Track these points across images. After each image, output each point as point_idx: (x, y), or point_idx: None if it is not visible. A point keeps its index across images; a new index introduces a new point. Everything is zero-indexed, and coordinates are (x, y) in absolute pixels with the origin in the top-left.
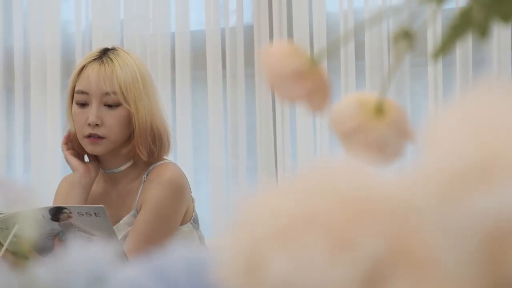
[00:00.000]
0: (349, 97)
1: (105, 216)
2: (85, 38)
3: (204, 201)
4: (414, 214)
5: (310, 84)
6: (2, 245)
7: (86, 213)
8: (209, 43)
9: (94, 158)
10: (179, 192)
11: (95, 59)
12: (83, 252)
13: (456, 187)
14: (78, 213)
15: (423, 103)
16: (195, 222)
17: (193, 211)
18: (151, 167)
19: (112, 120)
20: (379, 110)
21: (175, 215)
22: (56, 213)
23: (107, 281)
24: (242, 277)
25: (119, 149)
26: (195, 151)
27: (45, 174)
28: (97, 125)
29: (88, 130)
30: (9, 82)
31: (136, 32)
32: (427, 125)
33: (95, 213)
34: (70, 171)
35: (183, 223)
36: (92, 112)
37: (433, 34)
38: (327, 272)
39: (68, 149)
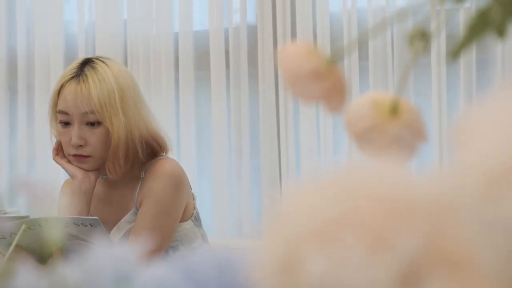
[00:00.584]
0: (364, 97)
1: (101, 227)
2: (88, 38)
3: (207, 201)
4: (451, 213)
5: (328, 84)
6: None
7: (81, 223)
8: (212, 43)
9: None
10: (178, 184)
11: (72, 77)
12: (109, 252)
13: (496, 186)
14: (74, 223)
15: (426, 103)
16: (197, 219)
17: (194, 208)
18: (148, 164)
19: (95, 139)
20: (394, 110)
21: (176, 207)
22: None
23: (133, 280)
24: (278, 277)
25: (105, 163)
26: (199, 151)
27: (49, 174)
28: (80, 145)
29: (73, 151)
30: (12, 82)
31: (139, 32)
32: (460, 125)
33: (90, 224)
34: None
35: (184, 220)
36: (74, 133)
37: (438, 35)
38: (364, 271)
39: (62, 158)
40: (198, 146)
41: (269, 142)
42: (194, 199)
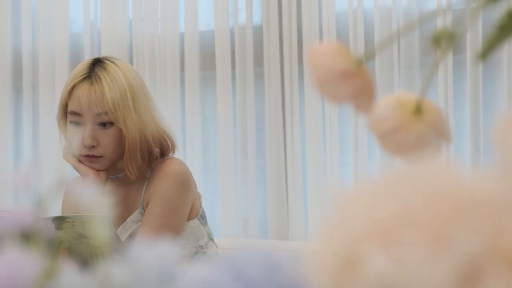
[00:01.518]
0: (388, 97)
1: (109, 225)
2: (93, 38)
3: (212, 201)
4: (510, 211)
5: (357, 84)
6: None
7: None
8: (218, 43)
9: None
10: (184, 183)
11: (84, 78)
12: (152, 251)
13: None
14: (81, 221)
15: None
16: (203, 218)
17: (200, 207)
18: (154, 164)
19: (107, 140)
20: (418, 110)
21: (182, 206)
22: (60, 222)
23: (179, 280)
24: (338, 276)
25: (115, 163)
26: (204, 151)
27: (53, 173)
28: (93, 146)
29: (85, 151)
30: (17, 81)
31: (145, 33)
32: (503, 125)
33: None
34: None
35: (190, 218)
36: (86, 134)
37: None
38: (425, 269)
39: (73, 157)
40: (203, 146)
41: (275, 141)
42: (200, 198)
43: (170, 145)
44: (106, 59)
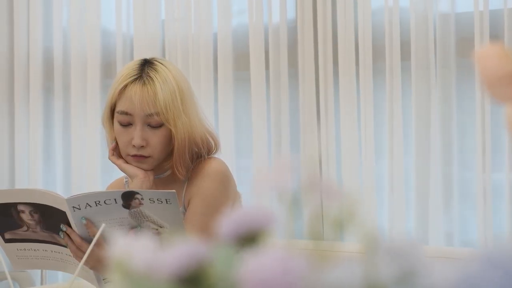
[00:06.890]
0: None
1: (176, 203)
2: (126, 39)
3: (247, 200)
4: None
5: None
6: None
7: (157, 199)
8: (252, 43)
9: None
10: (225, 182)
11: (136, 78)
12: (394, 247)
13: None
14: (149, 199)
15: (470, 105)
16: None
17: (240, 206)
18: (194, 164)
19: (156, 140)
20: None
21: (224, 205)
22: (129, 198)
23: (421, 276)
24: None
25: (161, 163)
26: (238, 152)
27: (85, 174)
28: (142, 146)
29: (133, 151)
30: (48, 82)
31: (178, 33)
32: None
33: (166, 200)
34: (109, 172)
35: None
36: (137, 134)
37: (480, 37)
38: None
39: (118, 158)
40: (237, 147)
41: (310, 141)
42: (239, 197)
43: (214, 145)
44: (155, 60)
